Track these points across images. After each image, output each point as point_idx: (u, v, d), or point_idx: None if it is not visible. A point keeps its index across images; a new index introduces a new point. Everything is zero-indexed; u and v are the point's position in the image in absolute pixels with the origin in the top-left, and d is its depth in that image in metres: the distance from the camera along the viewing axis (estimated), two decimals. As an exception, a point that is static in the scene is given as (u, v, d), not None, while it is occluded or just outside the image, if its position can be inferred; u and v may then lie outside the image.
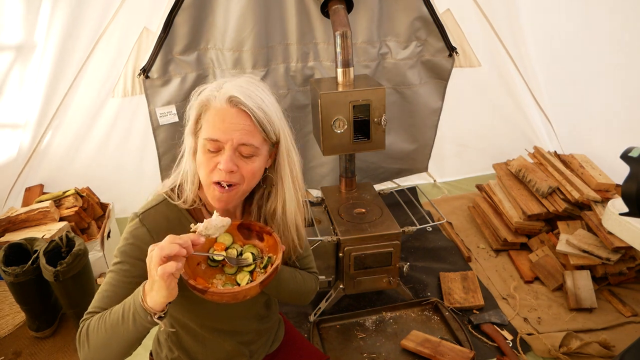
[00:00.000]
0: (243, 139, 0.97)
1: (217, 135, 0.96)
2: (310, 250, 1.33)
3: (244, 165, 1.00)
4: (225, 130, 0.96)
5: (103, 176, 2.69)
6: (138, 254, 1.00)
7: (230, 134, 0.96)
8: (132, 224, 1.03)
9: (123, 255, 1.02)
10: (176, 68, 2.45)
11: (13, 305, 2.12)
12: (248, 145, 0.98)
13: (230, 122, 0.96)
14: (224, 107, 0.96)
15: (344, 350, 1.86)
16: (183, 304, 1.10)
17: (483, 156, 3.11)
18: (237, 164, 0.99)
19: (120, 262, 1.02)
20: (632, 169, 1.22)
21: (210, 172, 0.99)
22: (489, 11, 2.67)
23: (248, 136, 0.98)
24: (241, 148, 0.99)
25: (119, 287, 1.00)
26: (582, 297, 2.01)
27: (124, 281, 1.00)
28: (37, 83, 2.36)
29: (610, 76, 2.55)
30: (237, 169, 0.99)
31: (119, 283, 1.01)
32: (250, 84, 1.01)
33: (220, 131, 0.96)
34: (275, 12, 2.37)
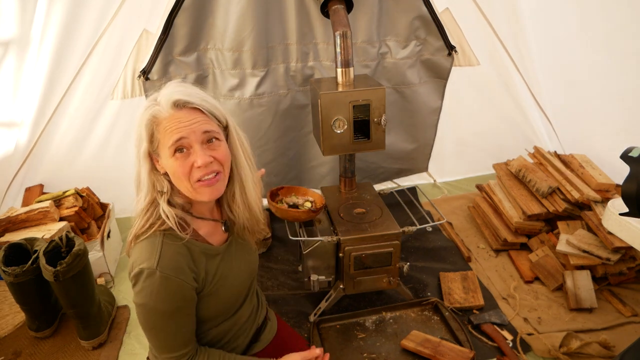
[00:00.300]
0: (203, 127, 1.03)
1: (181, 134, 1.00)
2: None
3: (215, 152, 1.05)
4: (185, 128, 1.01)
5: (103, 176, 2.69)
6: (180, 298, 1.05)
7: (191, 129, 1.01)
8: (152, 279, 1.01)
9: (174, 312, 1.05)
10: (176, 69, 2.45)
11: (13, 305, 2.12)
12: (210, 132, 1.04)
13: (185, 121, 1.01)
14: (172, 113, 1.01)
15: (344, 350, 1.86)
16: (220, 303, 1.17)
17: (483, 156, 3.11)
18: (210, 155, 1.04)
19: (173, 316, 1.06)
20: (632, 169, 1.22)
21: (189, 174, 1.03)
22: (487, 10, 2.67)
23: (206, 125, 1.04)
24: (204, 137, 1.03)
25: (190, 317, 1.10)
26: (582, 297, 2.01)
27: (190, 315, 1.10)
28: (33, 82, 2.36)
29: (611, 76, 2.55)
30: (212, 158, 1.04)
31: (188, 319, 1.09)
32: (181, 85, 1.06)
33: (182, 130, 1.01)
34: (275, 12, 2.37)
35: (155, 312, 1.03)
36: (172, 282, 1.01)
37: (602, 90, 2.62)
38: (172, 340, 1.08)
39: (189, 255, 1.07)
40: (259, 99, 2.51)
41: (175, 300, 1.03)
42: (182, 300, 1.04)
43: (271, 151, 2.69)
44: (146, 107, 1.04)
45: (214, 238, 1.17)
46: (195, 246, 1.09)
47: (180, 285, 1.02)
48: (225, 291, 1.16)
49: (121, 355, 1.90)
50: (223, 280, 1.15)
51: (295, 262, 2.39)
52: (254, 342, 1.35)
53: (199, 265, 1.09)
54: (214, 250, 1.14)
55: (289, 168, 2.83)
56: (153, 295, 1.01)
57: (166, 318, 1.04)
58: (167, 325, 1.06)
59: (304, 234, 1.93)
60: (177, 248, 1.06)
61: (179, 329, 1.08)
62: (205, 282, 1.10)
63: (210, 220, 1.16)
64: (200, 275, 1.09)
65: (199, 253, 1.09)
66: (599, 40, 2.53)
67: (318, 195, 2.01)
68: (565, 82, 2.83)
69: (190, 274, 1.05)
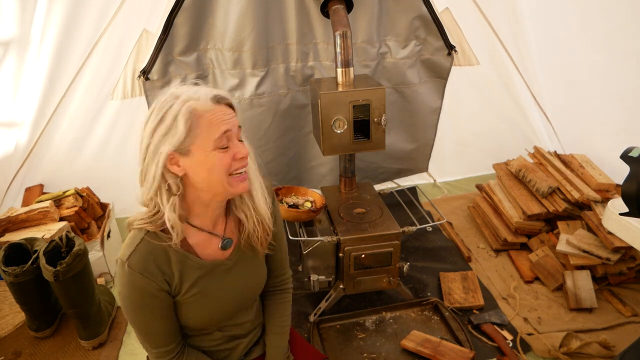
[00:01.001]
0: (237, 123, 1.07)
1: (227, 126, 1.03)
2: (286, 247, 1.39)
3: (245, 149, 1.09)
4: (227, 121, 1.04)
5: (103, 176, 2.69)
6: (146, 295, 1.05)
7: (233, 122, 1.05)
8: (122, 270, 1.04)
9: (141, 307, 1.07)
10: (176, 69, 2.45)
11: (13, 305, 2.11)
12: (241, 128, 1.09)
13: (225, 114, 1.04)
14: (214, 106, 1.03)
15: (344, 350, 1.86)
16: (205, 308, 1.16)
17: (483, 156, 3.11)
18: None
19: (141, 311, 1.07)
20: (632, 169, 1.22)
21: (228, 167, 1.05)
22: (487, 10, 2.67)
23: (237, 121, 1.08)
24: (239, 132, 1.08)
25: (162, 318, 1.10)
26: (582, 297, 2.01)
27: (160, 314, 1.10)
28: (33, 82, 2.36)
29: (611, 76, 2.55)
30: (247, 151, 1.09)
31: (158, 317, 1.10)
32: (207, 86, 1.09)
33: (227, 122, 1.03)
34: (275, 12, 2.37)
35: (126, 302, 1.07)
36: (137, 278, 1.03)
37: (602, 90, 2.62)
38: (151, 335, 1.10)
39: (164, 258, 1.07)
40: (259, 99, 2.51)
41: (140, 296, 1.05)
42: (148, 297, 1.05)
43: (271, 151, 2.69)
44: (183, 101, 1.00)
45: (204, 251, 1.14)
46: (174, 252, 1.08)
47: (146, 283, 1.04)
48: (209, 307, 1.15)
49: (121, 355, 1.90)
50: (206, 295, 1.13)
51: (295, 262, 2.39)
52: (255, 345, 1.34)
53: (174, 270, 1.08)
54: (195, 263, 1.11)
55: (289, 168, 2.83)
56: (123, 286, 1.05)
57: (137, 311, 1.07)
58: (141, 318, 1.08)
59: (304, 234, 1.93)
60: (153, 248, 1.06)
61: (154, 325, 1.09)
62: (180, 289, 1.09)
63: (206, 232, 1.13)
64: (174, 279, 1.08)
65: (176, 259, 1.08)
66: (598, 40, 2.53)
67: (318, 195, 2.01)
68: (565, 82, 2.83)
69: (159, 275, 1.05)
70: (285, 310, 1.37)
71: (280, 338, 1.33)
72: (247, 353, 1.32)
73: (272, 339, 1.33)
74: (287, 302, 1.38)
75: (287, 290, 1.39)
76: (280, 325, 1.34)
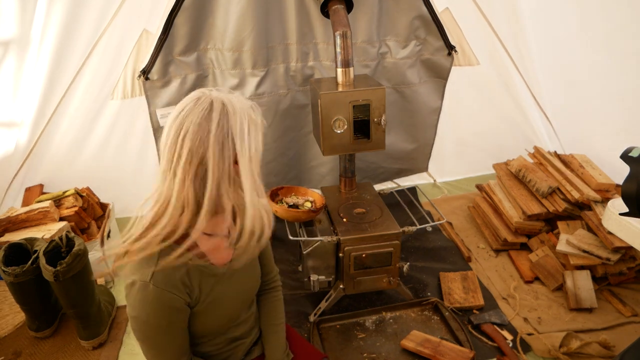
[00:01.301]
0: None
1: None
2: (270, 245, 1.37)
3: None
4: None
5: (103, 176, 2.69)
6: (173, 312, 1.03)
7: None
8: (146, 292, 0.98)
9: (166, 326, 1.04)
10: (176, 69, 2.45)
11: (13, 305, 2.12)
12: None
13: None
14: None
15: (344, 350, 1.86)
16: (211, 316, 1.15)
17: (483, 156, 3.11)
18: None
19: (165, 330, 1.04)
20: (632, 169, 1.22)
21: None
22: (487, 10, 2.67)
23: None
24: None
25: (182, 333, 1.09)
26: (582, 297, 2.01)
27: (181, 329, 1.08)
28: (33, 82, 2.36)
29: (611, 76, 2.55)
30: None
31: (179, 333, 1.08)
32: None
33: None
34: (275, 12, 2.37)
35: (148, 325, 1.02)
36: (165, 295, 1.00)
37: (602, 90, 2.62)
38: (165, 353, 1.08)
39: (184, 270, 1.05)
40: (259, 99, 2.51)
41: (168, 314, 1.02)
42: (174, 314, 1.03)
43: (271, 151, 2.69)
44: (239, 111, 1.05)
45: (216, 256, 1.13)
46: (192, 262, 1.06)
47: (173, 300, 1.01)
48: (220, 311, 1.15)
49: (121, 355, 1.90)
50: (218, 301, 1.13)
51: (295, 262, 2.39)
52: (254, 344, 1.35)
53: (193, 282, 1.07)
54: (212, 270, 1.11)
55: (289, 168, 2.83)
56: (145, 308, 1.00)
57: (159, 331, 1.03)
58: (160, 338, 1.05)
59: (304, 234, 1.93)
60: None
61: (171, 342, 1.07)
62: (198, 299, 1.09)
63: (221, 235, 1.12)
64: (194, 291, 1.08)
65: (195, 270, 1.07)
66: (598, 40, 2.53)
67: (318, 195, 2.01)
68: (565, 82, 2.82)
69: (182, 289, 1.04)
70: (278, 308, 1.37)
71: (278, 336, 1.34)
72: (247, 353, 1.32)
73: (269, 339, 1.33)
74: (278, 300, 1.38)
75: (276, 289, 1.39)
76: (276, 324, 1.35)
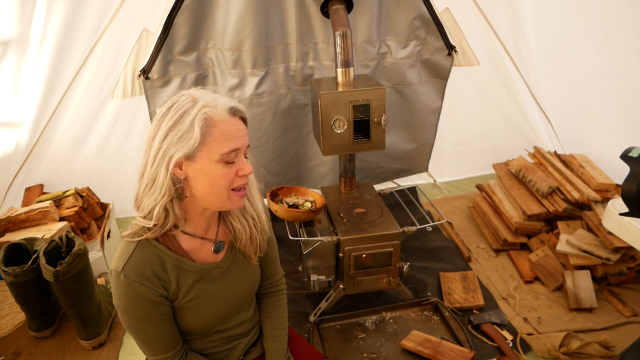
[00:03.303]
0: (247, 142, 1.07)
1: (238, 144, 1.02)
2: (276, 248, 1.38)
3: (249, 166, 1.08)
4: (241, 139, 1.03)
5: (103, 176, 2.69)
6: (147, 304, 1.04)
7: (244, 140, 1.05)
8: (118, 282, 1.03)
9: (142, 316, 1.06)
10: (176, 68, 2.45)
11: (13, 305, 2.12)
12: (248, 146, 1.08)
13: (238, 129, 1.03)
14: (229, 118, 1.01)
15: (344, 350, 1.86)
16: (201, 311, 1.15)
17: (483, 156, 3.11)
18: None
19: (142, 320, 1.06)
20: (632, 169, 1.22)
21: (230, 182, 1.04)
22: (487, 10, 2.67)
23: (247, 138, 1.07)
24: (246, 150, 1.07)
25: (163, 324, 1.09)
26: (582, 297, 2.01)
27: (161, 320, 1.09)
28: (33, 82, 2.36)
29: (611, 76, 2.55)
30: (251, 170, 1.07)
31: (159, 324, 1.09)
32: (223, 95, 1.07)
33: (239, 140, 1.03)
34: (275, 12, 2.37)
35: (127, 314, 1.05)
36: (135, 287, 1.02)
37: (602, 90, 2.62)
38: (153, 343, 1.09)
39: (159, 264, 1.06)
40: (259, 99, 2.51)
41: (142, 306, 1.04)
42: (150, 305, 1.04)
43: (271, 151, 2.69)
44: (201, 106, 0.99)
45: (198, 255, 1.14)
46: (169, 257, 1.07)
47: (145, 291, 1.02)
48: (207, 310, 1.15)
49: (121, 355, 1.90)
50: (204, 299, 1.13)
51: (295, 262, 2.39)
52: (253, 345, 1.34)
53: (170, 275, 1.07)
54: (190, 267, 1.11)
55: (289, 168, 2.83)
56: (122, 297, 1.03)
57: (140, 321, 1.05)
58: (142, 328, 1.07)
59: (304, 234, 1.93)
60: (148, 255, 1.05)
61: (156, 332, 1.08)
62: (177, 294, 1.09)
63: (198, 238, 1.13)
64: (171, 285, 1.08)
65: (172, 265, 1.08)
66: (599, 40, 2.53)
67: (318, 195, 2.01)
68: (565, 82, 2.82)
69: (156, 282, 1.04)
70: (281, 312, 1.36)
71: (279, 340, 1.33)
72: (246, 353, 1.32)
73: (270, 343, 1.32)
74: (282, 303, 1.38)
75: (281, 292, 1.38)
76: (278, 328, 1.34)
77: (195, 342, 1.21)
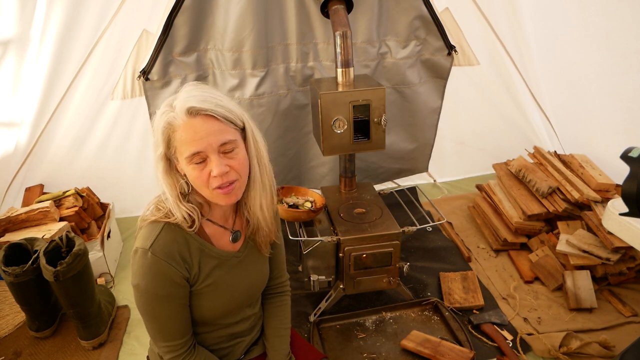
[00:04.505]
0: (220, 139, 1.01)
1: (197, 148, 0.99)
2: (284, 251, 1.39)
3: (233, 161, 1.04)
4: (201, 140, 0.99)
5: (103, 176, 2.69)
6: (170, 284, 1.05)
7: (207, 141, 0.99)
8: (144, 260, 1.03)
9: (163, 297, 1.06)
10: (176, 69, 2.45)
11: (13, 305, 2.12)
12: (227, 143, 1.02)
13: (201, 130, 0.99)
14: (187, 120, 0.98)
15: (344, 350, 1.86)
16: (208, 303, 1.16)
17: (483, 156, 3.11)
18: (227, 164, 1.02)
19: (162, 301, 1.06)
20: (632, 169, 1.22)
21: (207, 182, 1.03)
22: (487, 10, 2.67)
23: (222, 135, 1.01)
24: (222, 148, 1.02)
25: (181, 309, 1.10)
26: (582, 297, 2.01)
27: (180, 304, 1.09)
28: (33, 82, 2.36)
29: (611, 76, 2.55)
30: (229, 168, 1.03)
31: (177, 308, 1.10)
32: (196, 89, 1.03)
33: (197, 143, 0.99)
34: (274, 13, 2.37)
35: (148, 294, 1.05)
36: (162, 265, 1.02)
37: (602, 90, 2.62)
38: (167, 328, 1.10)
39: (185, 245, 1.08)
40: (259, 99, 2.51)
41: (166, 285, 1.04)
42: (172, 286, 1.05)
43: (271, 151, 2.63)
44: (162, 113, 1.01)
45: (218, 242, 1.17)
46: (195, 240, 1.10)
47: (170, 270, 1.03)
48: (220, 297, 1.16)
49: (121, 355, 1.90)
50: (219, 286, 1.15)
51: (295, 262, 2.39)
52: (254, 344, 1.35)
53: (193, 258, 1.09)
54: (212, 252, 1.13)
55: (289, 168, 2.83)
56: (145, 276, 1.03)
57: (158, 302, 1.06)
58: (159, 310, 1.07)
59: (304, 234, 1.93)
60: (175, 236, 1.07)
61: (171, 316, 1.09)
62: (197, 278, 1.11)
63: (218, 225, 1.16)
64: (193, 268, 1.10)
65: (196, 247, 1.10)
66: (599, 40, 2.53)
67: (318, 195, 2.01)
68: (565, 82, 2.82)
69: (181, 263, 1.06)
70: (285, 312, 1.38)
71: (281, 341, 1.34)
72: (247, 352, 1.33)
73: (273, 342, 1.33)
74: (286, 304, 1.39)
75: (285, 293, 1.40)
76: (281, 328, 1.35)
77: (199, 337, 1.22)
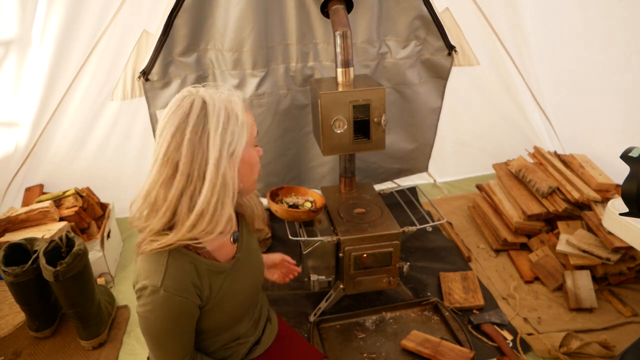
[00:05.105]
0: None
1: (256, 127, 1.12)
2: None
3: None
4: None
5: (103, 176, 2.69)
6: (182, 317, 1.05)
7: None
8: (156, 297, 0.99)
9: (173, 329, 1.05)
10: (176, 70, 2.45)
11: (13, 305, 2.12)
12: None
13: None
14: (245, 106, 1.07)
15: (343, 350, 1.86)
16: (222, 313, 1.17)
17: (483, 156, 3.11)
18: None
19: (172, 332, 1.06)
20: (632, 169, 1.22)
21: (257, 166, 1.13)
22: (487, 10, 2.67)
23: None
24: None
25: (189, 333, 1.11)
26: (582, 297, 2.01)
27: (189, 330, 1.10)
28: (33, 82, 2.36)
29: (611, 76, 2.55)
30: None
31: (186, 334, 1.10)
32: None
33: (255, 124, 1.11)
34: (274, 13, 2.37)
35: (155, 327, 1.04)
36: (176, 301, 1.01)
37: (602, 90, 2.62)
38: (171, 351, 1.09)
39: (194, 272, 1.06)
40: (259, 99, 2.51)
41: (177, 319, 1.04)
42: (184, 318, 1.05)
43: (271, 151, 2.69)
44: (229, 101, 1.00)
45: (221, 253, 1.15)
46: (201, 263, 1.08)
47: (184, 304, 1.02)
48: (229, 305, 1.16)
49: (121, 355, 1.90)
50: (228, 296, 1.15)
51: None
52: (255, 344, 1.35)
53: (203, 282, 1.08)
54: (220, 268, 1.12)
55: (289, 168, 2.83)
56: (156, 311, 1.01)
57: (166, 334, 1.05)
58: (165, 341, 1.06)
59: (304, 234, 1.93)
60: (182, 264, 1.04)
61: (177, 343, 1.08)
62: (209, 299, 1.10)
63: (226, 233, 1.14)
64: (205, 292, 1.08)
65: (204, 270, 1.08)
66: (599, 40, 2.53)
67: (318, 195, 2.01)
68: (565, 82, 2.82)
69: (194, 292, 1.05)
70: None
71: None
72: (248, 352, 1.33)
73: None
74: None
75: None
76: None
77: (207, 342, 1.22)
